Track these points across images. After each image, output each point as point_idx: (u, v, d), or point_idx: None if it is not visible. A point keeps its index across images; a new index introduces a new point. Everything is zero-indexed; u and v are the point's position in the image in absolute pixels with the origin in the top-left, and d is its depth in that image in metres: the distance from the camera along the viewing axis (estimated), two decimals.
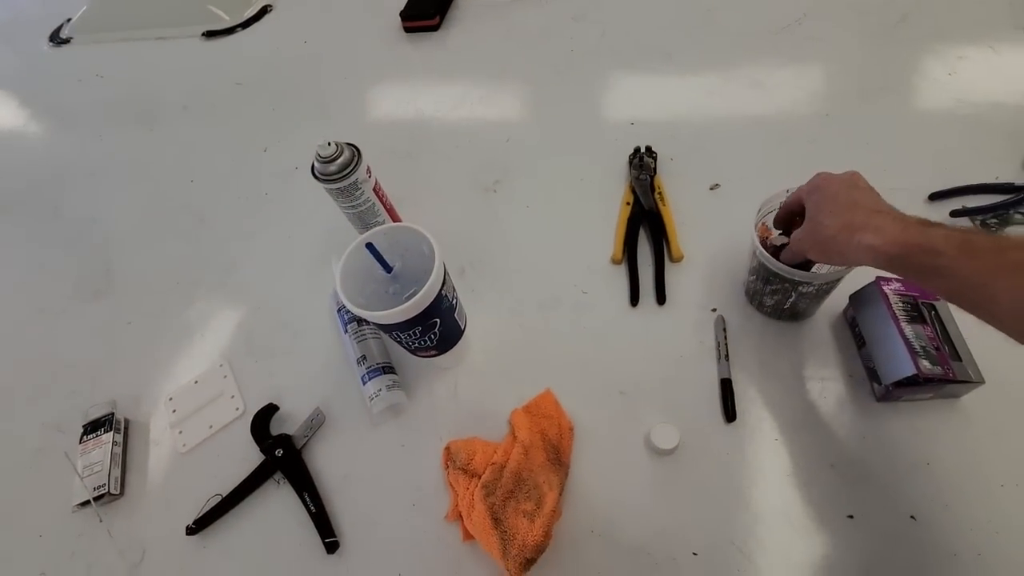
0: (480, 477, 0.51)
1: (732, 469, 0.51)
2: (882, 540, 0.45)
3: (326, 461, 0.59)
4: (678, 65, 0.83)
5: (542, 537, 0.46)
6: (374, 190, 0.61)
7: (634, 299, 0.62)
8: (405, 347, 0.53)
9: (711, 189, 0.69)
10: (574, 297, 0.64)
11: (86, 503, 0.59)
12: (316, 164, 0.57)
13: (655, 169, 0.70)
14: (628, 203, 0.68)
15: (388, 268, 0.47)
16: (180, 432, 0.64)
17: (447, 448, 0.55)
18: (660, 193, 0.68)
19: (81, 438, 0.63)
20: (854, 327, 0.53)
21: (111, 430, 0.63)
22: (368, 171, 0.60)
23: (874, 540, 0.45)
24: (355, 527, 0.55)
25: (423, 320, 0.48)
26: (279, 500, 0.58)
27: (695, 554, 0.47)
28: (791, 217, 0.49)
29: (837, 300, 0.55)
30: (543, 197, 0.74)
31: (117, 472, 0.62)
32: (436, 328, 0.51)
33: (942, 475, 0.47)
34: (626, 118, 0.79)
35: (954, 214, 0.58)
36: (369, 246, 0.46)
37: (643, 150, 0.72)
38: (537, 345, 0.62)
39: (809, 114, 0.72)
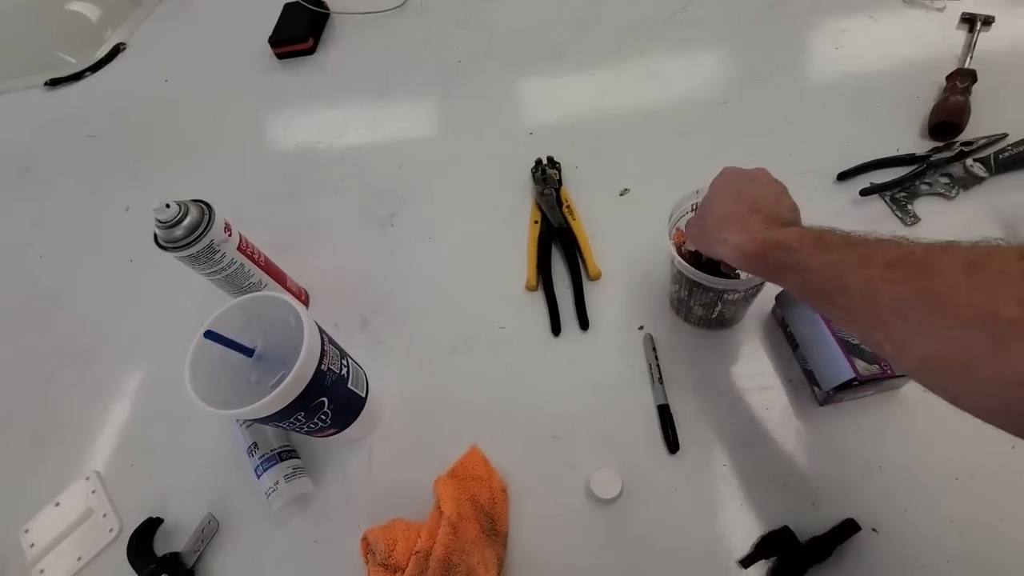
0: (403, 572, 0.44)
1: (681, 507, 0.46)
2: (850, 561, 0.41)
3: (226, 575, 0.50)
4: (570, 65, 0.79)
5: None
6: (239, 249, 0.52)
7: (555, 328, 0.56)
8: (296, 431, 0.45)
9: (621, 195, 0.64)
10: (490, 333, 0.57)
11: None
12: (158, 231, 0.48)
13: (560, 181, 0.65)
14: (536, 222, 0.63)
15: (247, 351, 0.39)
16: (42, 571, 0.53)
17: (364, 539, 0.47)
18: (568, 206, 0.63)
19: None
20: (785, 328, 0.50)
21: None
22: (227, 228, 0.51)
23: (841, 563, 0.41)
24: None
25: (304, 403, 0.40)
26: None
27: None
28: None
29: (765, 301, 0.52)
30: (445, 226, 0.67)
31: None
32: (325, 407, 0.43)
33: (896, 477, 0.44)
34: (524, 128, 0.73)
35: (863, 193, 0.56)
36: (210, 334, 0.37)
37: (545, 161, 0.66)
38: (456, 395, 0.55)
39: (707, 103, 0.69)
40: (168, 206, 0.46)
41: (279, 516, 0.51)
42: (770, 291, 0.49)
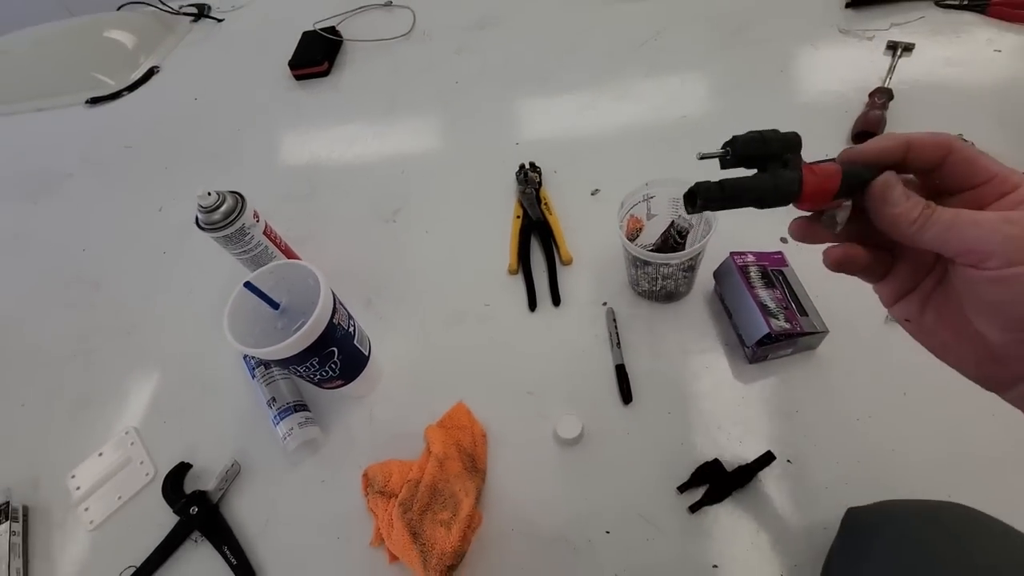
0: (398, 496, 0.52)
1: (633, 447, 0.54)
2: (769, 485, 0.50)
3: (246, 510, 0.58)
4: (553, 87, 0.90)
5: (459, 542, 0.48)
6: (265, 233, 0.62)
7: (532, 304, 0.65)
8: (309, 380, 0.54)
9: (592, 195, 0.74)
10: (477, 310, 0.67)
11: None
12: (199, 215, 0.58)
13: (540, 182, 0.75)
14: (518, 216, 0.72)
15: (274, 305, 0.48)
16: (86, 509, 0.61)
17: (364, 474, 0.56)
18: (546, 203, 0.73)
19: None
20: (722, 300, 0.59)
21: (7, 520, 0.59)
22: (256, 215, 0.61)
23: (761, 488, 0.50)
24: (281, 570, 0.54)
25: (318, 350, 0.49)
26: (199, 559, 0.56)
27: (608, 532, 0.50)
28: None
29: (708, 280, 0.61)
30: (441, 221, 0.77)
31: (18, 563, 0.58)
32: (335, 357, 0.52)
33: (809, 420, 0.52)
34: (511, 139, 0.84)
35: None
36: (248, 285, 0.47)
37: (527, 166, 0.76)
38: (447, 361, 0.64)
39: (670, 118, 0.80)
40: (209, 194, 0.56)
41: (292, 460, 0.60)
42: (710, 268, 0.59)
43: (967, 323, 0.25)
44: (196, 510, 0.57)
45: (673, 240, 0.60)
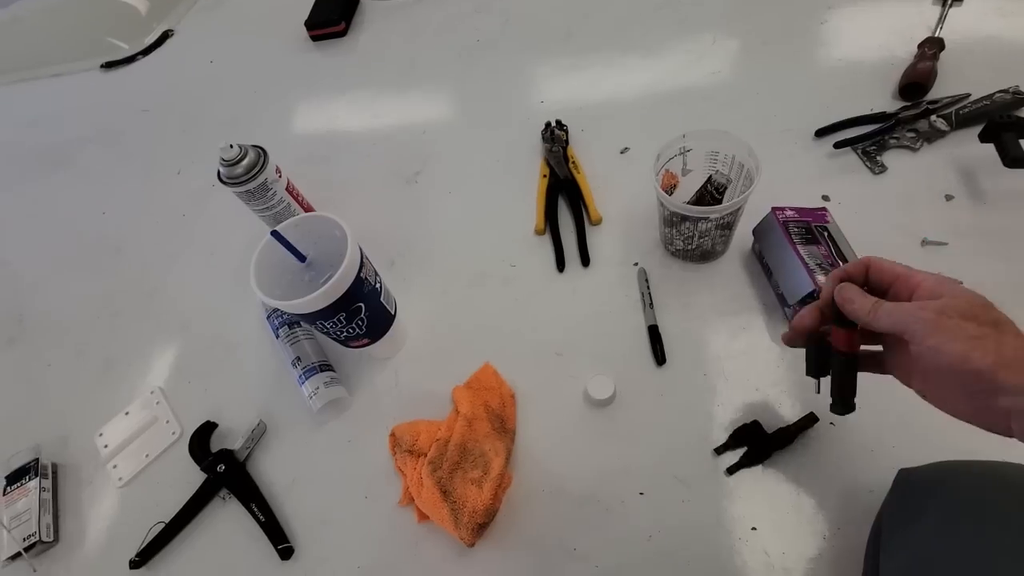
0: (426, 455, 0.51)
1: (667, 408, 0.53)
2: (811, 447, 0.48)
3: (272, 469, 0.58)
4: (578, 43, 0.86)
5: (491, 500, 0.47)
6: (287, 190, 0.60)
7: (560, 265, 0.63)
8: (335, 338, 0.53)
9: (621, 153, 0.71)
10: (502, 271, 0.65)
11: (17, 555, 0.56)
12: (221, 169, 0.56)
13: (567, 141, 0.72)
14: (544, 176, 0.70)
15: (301, 257, 0.47)
16: (115, 466, 0.62)
17: (392, 434, 0.55)
18: (574, 162, 0.70)
19: (4, 490, 0.60)
20: (761, 259, 0.57)
21: (37, 476, 0.60)
22: (278, 171, 0.59)
23: (802, 450, 0.48)
24: (309, 529, 0.54)
25: (345, 305, 0.48)
26: (227, 517, 0.56)
27: (641, 493, 0.49)
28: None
29: (745, 239, 0.59)
30: (463, 181, 0.75)
31: (48, 519, 0.58)
32: (362, 313, 0.50)
33: None
34: (535, 97, 0.81)
35: (837, 145, 0.62)
36: (275, 234, 0.45)
37: (554, 124, 0.74)
38: (472, 323, 0.62)
39: (701, 74, 0.76)
40: (232, 146, 0.55)
41: (317, 419, 0.59)
42: (748, 226, 0.56)
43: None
44: (223, 468, 0.57)
45: (710, 196, 0.57)
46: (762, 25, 0.79)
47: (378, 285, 0.52)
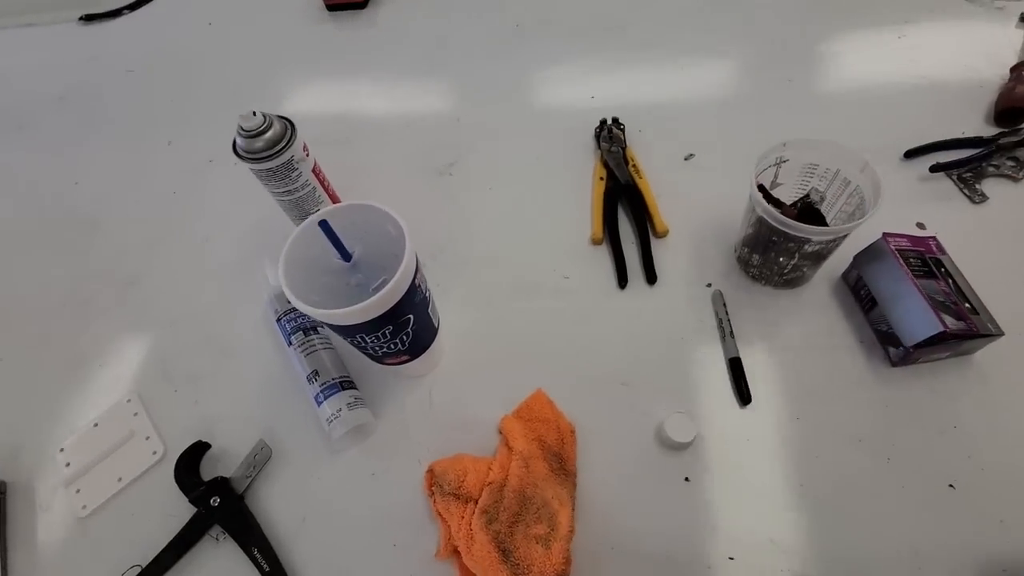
0: (476, 502, 0.43)
1: (756, 457, 0.46)
2: (925, 511, 0.42)
3: (278, 504, 0.48)
4: (634, 36, 0.79)
5: (563, 564, 0.39)
6: (313, 172, 0.51)
7: (622, 280, 0.56)
8: (370, 354, 0.44)
9: (686, 159, 0.64)
10: (554, 283, 0.57)
11: None
12: (238, 140, 0.47)
13: (625, 141, 0.65)
14: (601, 178, 0.62)
15: (347, 256, 0.38)
16: (78, 491, 0.51)
17: (430, 470, 0.46)
18: (635, 166, 0.63)
19: None
20: (859, 289, 0.50)
21: None
22: (305, 149, 0.50)
23: (917, 513, 0.42)
24: None
25: (394, 317, 0.39)
26: (221, 561, 0.46)
27: (731, 558, 0.42)
28: None
29: (833, 265, 0.52)
30: (506, 178, 0.66)
31: None
32: (409, 327, 0.42)
33: (970, 438, 0.44)
34: (586, 92, 0.73)
35: (933, 169, 0.57)
36: (324, 225, 0.36)
37: (610, 122, 0.66)
38: (519, 340, 0.54)
39: (772, 80, 0.70)
40: (254, 114, 0.45)
41: (335, 447, 0.50)
42: (841, 253, 0.50)
43: None
44: (217, 501, 0.47)
45: (808, 215, 0.50)
46: (836, 33, 0.74)
47: (428, 294, 0.44)
